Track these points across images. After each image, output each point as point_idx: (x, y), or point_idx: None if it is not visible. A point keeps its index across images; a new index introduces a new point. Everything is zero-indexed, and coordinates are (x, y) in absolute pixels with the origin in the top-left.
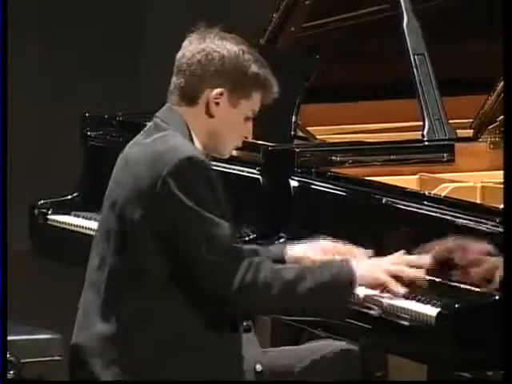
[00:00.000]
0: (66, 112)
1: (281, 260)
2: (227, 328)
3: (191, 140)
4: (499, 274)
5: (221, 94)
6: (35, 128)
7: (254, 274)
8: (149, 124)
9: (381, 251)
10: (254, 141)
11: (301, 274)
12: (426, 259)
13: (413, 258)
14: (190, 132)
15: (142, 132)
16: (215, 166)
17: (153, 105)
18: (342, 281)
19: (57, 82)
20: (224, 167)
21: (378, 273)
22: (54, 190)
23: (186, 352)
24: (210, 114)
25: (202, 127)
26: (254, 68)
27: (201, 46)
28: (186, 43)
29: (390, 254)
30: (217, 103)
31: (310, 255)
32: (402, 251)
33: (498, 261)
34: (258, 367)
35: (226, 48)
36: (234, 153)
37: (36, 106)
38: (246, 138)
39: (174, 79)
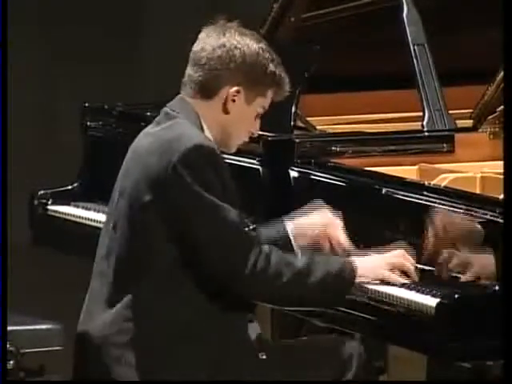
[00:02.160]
0: (65, 102)
1: (284, 236)
2: (232, 316)
3: (202, 131)
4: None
5: (238, 91)
6: (35, 119)
7: (265, 261)
8: (159, 115)
9: (381, 241)
10: None
11: (309, 265)
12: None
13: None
14: (201, 124)
15: (152, 122)
16: None
17: (152, 96)
18: (345, 276)
19: (57, 72)
20: (224, 158)
21: (379, 269)
22: (53, 180)
23: (190, 338)
24: (225, 110)
25: (214, 121)
26: (271, 67)
27: (221, 40)
28: (203, 35)
29: (389, 244)
30: (233, 100)
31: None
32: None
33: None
34: (262, 355)
35: (246, 45)
36: None
37: (36, 97)
38: (253, 134)
39: (189, 71)
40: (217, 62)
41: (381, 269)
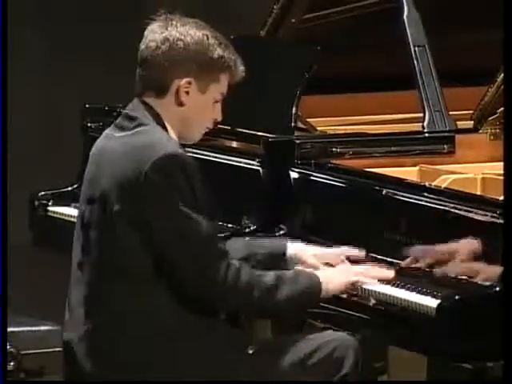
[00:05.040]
0: (66, 103)
1: (282, 256)
2: (210, 317)
3: (165, 130)
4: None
5: (189, 82)
6: (35, 120)
7: (235, 276)
8: (119, 118)
9: (381, 243)
10: (255, 132)
11: (278, 283)
12: (390, 273)
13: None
14: (163, 122)
15: (111, 126)
16: (214, 157)
17: None
18: (312, 292)
19: (57, 72)
20: (224, 159)
21: (346, 277)
22: (54, 181)
23: (169, 343)
24: (180, 104)
25: (173, 117)
26: (219, 51)
27: (164, 34)
28: (147, 32)
29: (389, 245)
30: (186, 92)
31: (311, 260)
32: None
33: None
34: (250, 349)
35: (189, 34)
36: (234, 144)
37: (36, 97)
38: (216, 120)
39: (139, 71)
40: (162, 58)
41: (345, 277)
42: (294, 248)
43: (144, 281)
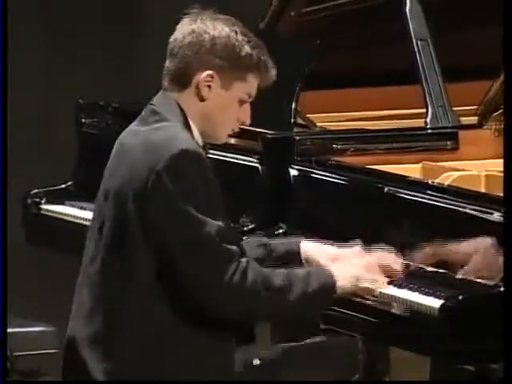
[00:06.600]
0: (64, 102)
1: (294, 255)
2: (216, 327)
3: (188, 127)
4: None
5: (211, 76)
6: (33, 118)
7: (241, 277)
8: (144, 111)
9: (383, 241)
10: (253, 128)
11: (288, 282)
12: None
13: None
14: (186, 118)
15: (137, 119)
16: (214, 154)
17: (149, 92)
18: (325, 292)
19: (54, 69)
20: (222, 156)
21: (358, 281)
22: (47, 178)
23: (174, 347)
24: (201, 98)
25: (195, 112)
26: (247, 49)
27: (191, 27)
28: (178, 26)
29: (390, 244)
30: (208, 86)
31: (321, 259)
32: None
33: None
34: (256, 361)
35: (216, 29)
36: (233, 141)
37: (35, 96)
38: (244, 122)
39: (166, 63)
40: (187, 50)
41: (362, 278)
42: (310, 247)
43: (152, 281)
